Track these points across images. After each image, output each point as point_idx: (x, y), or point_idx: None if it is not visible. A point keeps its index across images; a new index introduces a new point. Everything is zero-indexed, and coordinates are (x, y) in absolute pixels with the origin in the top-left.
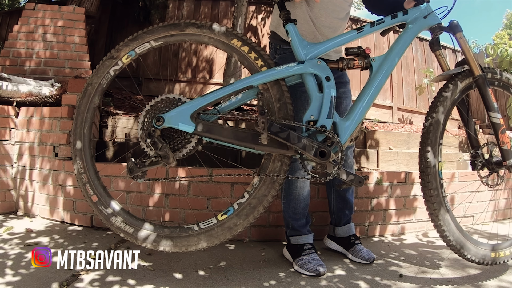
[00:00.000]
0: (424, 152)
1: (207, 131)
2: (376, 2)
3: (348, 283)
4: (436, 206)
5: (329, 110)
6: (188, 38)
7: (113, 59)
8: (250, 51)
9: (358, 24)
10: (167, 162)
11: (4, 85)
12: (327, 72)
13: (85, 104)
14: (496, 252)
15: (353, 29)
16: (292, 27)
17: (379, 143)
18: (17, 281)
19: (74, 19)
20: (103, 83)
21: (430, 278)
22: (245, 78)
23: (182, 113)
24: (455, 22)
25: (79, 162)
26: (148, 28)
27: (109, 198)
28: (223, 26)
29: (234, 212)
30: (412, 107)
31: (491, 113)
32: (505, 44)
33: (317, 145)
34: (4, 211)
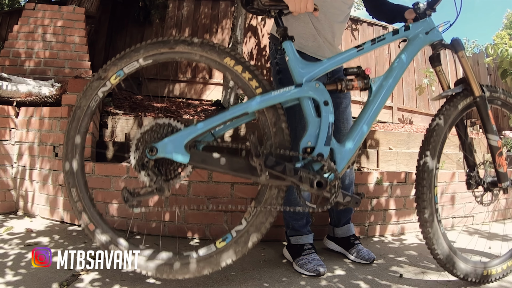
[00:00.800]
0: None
1: (202, 161)
2: (378, 8)
3: (348, 283)
4: (428, 218)
5: (327, 137)
6: (178, 56)
7: (101, 80)
8: (244, 70)
9: (358, 24)
10: (162, 194)
11: (4, 85)
12: (325, 96)
13: (75, 128)
14: (487, 269)
15: (353, 47)
16: (289, 45)
17: (379, 143)
18: (17, 281)
19: (74, 19)
20: (92, 106)
21: (430, 279)
22: (241, 104)
23: (176, 143)
24: (458, 40)
25: (72, 190)
26: (135, 45)
27: (106, 226)
28: (216, 44)
29: (232, 239)
30: (412, 107)
31: (489, 135)
32: (505, 44)
33: (313, 176)
34: (4, 211)
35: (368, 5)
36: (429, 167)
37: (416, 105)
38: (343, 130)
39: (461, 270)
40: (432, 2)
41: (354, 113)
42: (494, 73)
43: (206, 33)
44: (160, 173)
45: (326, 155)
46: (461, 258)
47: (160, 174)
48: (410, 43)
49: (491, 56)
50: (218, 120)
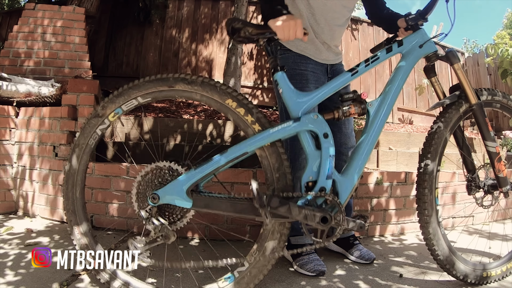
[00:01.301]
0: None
1: (205, 206)
2: (376, 13)
3: (348, 283)
4: (429, 219)
5: (329, 170)
6: (178, 95)
7: (99, 118)
8: (247, 113)
9: (358, 24)
10: (168, 241)
11: (4, 85)
12: (325, 129)
13: (75, 166)
14: (486, 271)
15: (347, 71)
16: (282, 76)
17: (379, 143)
18: (17, 281)
19: (74, 19)
20: (91, 144)
21: (430, 279)
22: (239, 144)
23: (177, 189)
24: (453, 51)
25: (75, 228)
26: (134, 82)
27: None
28: (217, 83)
29: (235, 279)
30: (412, 107)
31: (487, 142)
32: (505, 44)
33: (318, 212)
34: (4, 211)
35: (368, 9)
36: (429, 169)
37: (416, 105)
38: (344, 151)
39: (461, 271)
40: (424, 12)
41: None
42: (494, 73)
43: (206, 33)
44: (164, 219)
45: (328, 189)
46: (461, 259)
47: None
48: (405, 59)
49: (491, 56)
50: (217, 164)
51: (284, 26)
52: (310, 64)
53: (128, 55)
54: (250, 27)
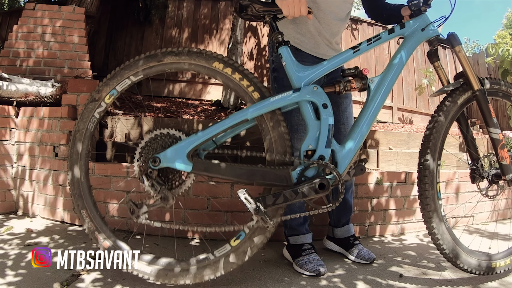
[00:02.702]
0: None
1: (205, 169)
2: (375, 8)
3: (348, 283)
4: (432, 214)
5: (327, 139)
6: (168, 68)
7: (96, 101)
8: (234, 72)
9: (358, 24)
10: (167, 203)
11: (4, 85)
12: (324, 99)
13: (77, 152)
14: (491, 262)
15: (349, 49)
16: (286, 50)
17: (379, 143)
18: (17, 281)
19: (74, 19)
20: (90, 127)
21: (430, 279)
22: (240, 112)
23: (178, 152)
24: (454, 34)
25: (83, 212)
26: (125, 63)
27: (121, 242)
28: (202, 50)
29: (246, 235)
30: (412, 107)
31: (490, 128)
32: (506, 44)
33: (314, 183)
34: (4, 211)
35: (367, 6)
36: (430, 164)
37: (416, 105)
38: (343, 130)
39: (467, 263)
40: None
41: (355, 113)
42: (495, 73)
43: (206, 33)
44: (164, 183)
45: (327, 157)
46: (467, 251)
47: (164, 183)
48: (407, 41)
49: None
50: (218, 128)
51: (289, 3)
52: (307, 62)
53: (128, 55)
54: (257, 5)
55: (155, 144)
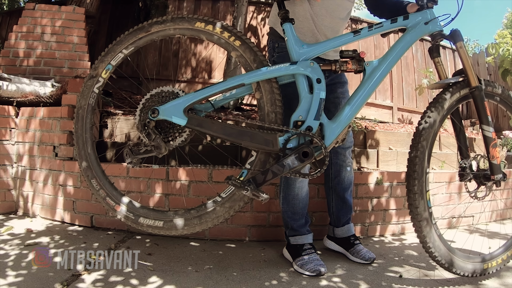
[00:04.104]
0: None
1: (198, 125)
2: (378, 4)
3: (349, 283)
4: (422, 223)
5: (317, 112)
6: (155, 36)
7: (94, 78)
8: (214, 27)
9: (358, 24)
10: (159, 152)
11: (4, 85)
12: (318, 74)
13: (81, 126)
14: (485, 263)
15: (350, 32)
16: (289, 26)
17: (379, 143)
18: (18, 281)
19: (74, 19)
20: (91, 103)
21: (430, 279)
22: (238, 76)
23: (176, 107)
24: (457, 31)
25: (93, 181)
26: (116, 40)
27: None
28: (185, 15)
29: (249, 172)
30: (412, 107)
31: (484, 126)
32: (506, 43)
33: (298, 152)
34: (4, 211)
35: (370, 3)
36: (419, 173)
37: (416, 105)
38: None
39: (460, 267)
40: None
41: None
42: (495, 73)
43: None
44: (159, 133)
45: (315, 129)
46: (460, 256)
47: (159, 134)
48: (409, 32)
49: (492, 55)
50: (216, 89)
51: None
52: None
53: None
54: None
55: (158, 98)
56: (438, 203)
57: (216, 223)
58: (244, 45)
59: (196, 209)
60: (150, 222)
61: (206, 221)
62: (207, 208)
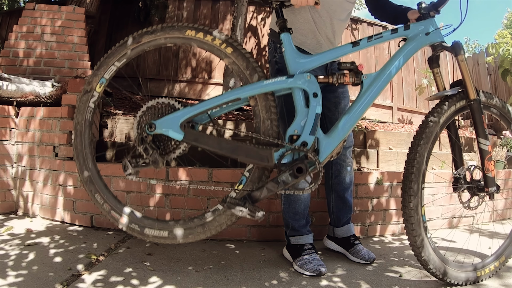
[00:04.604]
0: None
1: (194, 140)
2: (380, 8)
3: (349, 282)
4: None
5: (313, 127)
6: (146, 46)
7: (88, 93)
8: (206, 35)
9: (358, 24)
10: (157, 166)
11: (4, 85)
12: (315, 88)
13: (80, 142)
14: (478, 271)
15: (349, 43)
16: (286, 37)
17: (379, 143)
18: (18, 281)
19: (74, 19)
20: (88, 117)
21: (430, 279)
22: (234, 90)
23: (172, 121)
24: (459, 43)
25: (96, 195)
26: (107, 53)
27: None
28: (174, 23)
29: (247, 179)
30: (412, 107)
31: (480, 139)
32: (506, 43)
33: (293, 168)
34: (4, 211)
35: (371, 5)
36: (414, 190)
37: (416, 105)
38: (343, 105)
39: (454, 277)
40: (438, 4)
41: None
42: (495, 73)
43: None
44: (156, 148)
45: (310, 144)
46: (453, 266)
47: (156, 148)
48: (409, 43)
49: (492, 55)
50: (212, 103)
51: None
52: None
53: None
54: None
55: (154, 112)
56: (438, 203)
57: (219, 230)
58: (236, 52)
59: (199, 217)
60: (156, 233)
61: (209, 229)
62: (209, 217)
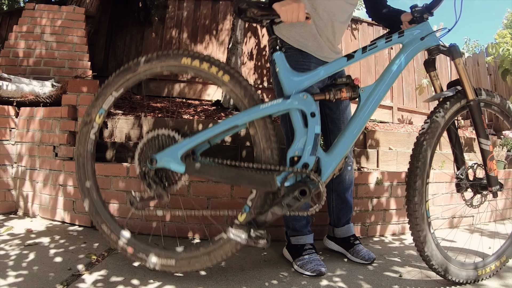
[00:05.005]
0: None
1: (196, 171)
2: (377, 10)
3: (349, 282)
4: (421, 233)
5: (313, 147)
6: (143, 75)
7: (88, 124)
8: (201, 62)
9: (358, 24)
10: (162, 200)
11: (4, 85)
12: (312, 108)
13: (84, 174)
14: (479, 270)
15: (343, 57)
16: (280, 56)
17: (379, 143)
18: (18, 282)
19: (74, 19)
20: (90, 149)
21: (430, 279)
22: (231, 117)
23: (173, 155)
24: (455, 46)
25: (103, 226)
26: (104, 83)
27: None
28: (169, 51)
29: (250, 208)
30: (412, 107)
31: (481, 139)
32: (506, 43)
33: (296, 192)
34: (4, 211)
35: (369, 7)
36: (419, 184)
37: (416, 105)
38: (345, 104)
39: (455, 275)
40: (431, 6)
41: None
42: (495, 73)
43: (206, 33)
44: (160, 181)
45: (312, 165)
46: (455, 263)
47: (160, 182)
48: (404, 49)
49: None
50: (210, 133)
51: (287, 9)
52: (312, 63)
53: (128, 55)
54: (255, 9)
55: (154, 143)
56: (438, 203)
57: (225, 258)
58: (233, 80)
59: (205, 246)
60: (163, 262)
61: (215, 257)
62: (215, 245)
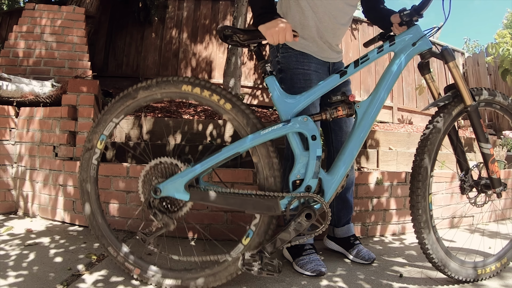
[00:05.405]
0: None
1: (201, 199)
2: (372, 10)
3: (349, 283)
4: (423, 225)
5: (315, 170)
6: (143, 102)
7: (90, 150)
8: (202, 90)
9: (358, 24)
10: (169, 229)
11: (4, 85)
12: (313, 131)
13: (88, 199)
14: (479, 269)
15: (336, 73)
16: (272, 80)
17: (379, 143)
18: (18, 282)
19: (74, 19)
20: (93, 174)
21: (430, 278)
22: (232, 145)
23: (177, 184)
24: (448, 49)
25: (109, 248)
26: (104, 110)
27: (148, 264)
28: (169, 78)
29: (254, 233)
30: (412, 107)
31: (481, 143)
32: (506, 43)
33: (301, 216)
34: (4, 211)
35: (365, 6)
36: (423, 176)
37: (416, 105)
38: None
39: (455, 271)
40: (419, 8)
41: None
42: (494, 73)
43: (206, 33)
44: (165, 210)
45: (314, 187)
46: (456, 260)
47: (165, 211)
48: (397, 58)
49: (491, 55)
50: (213, 161)
51: (273, 32)
52: (313, 64)
53: (128, 55)
54: (240, 34)
55: (156, 171)
56: (438, 203)
57: (229, 279)
58: (235, 108)
59: (210, 268)
60: (170, 282)
61: (220, 278)
62: (220, 266)
